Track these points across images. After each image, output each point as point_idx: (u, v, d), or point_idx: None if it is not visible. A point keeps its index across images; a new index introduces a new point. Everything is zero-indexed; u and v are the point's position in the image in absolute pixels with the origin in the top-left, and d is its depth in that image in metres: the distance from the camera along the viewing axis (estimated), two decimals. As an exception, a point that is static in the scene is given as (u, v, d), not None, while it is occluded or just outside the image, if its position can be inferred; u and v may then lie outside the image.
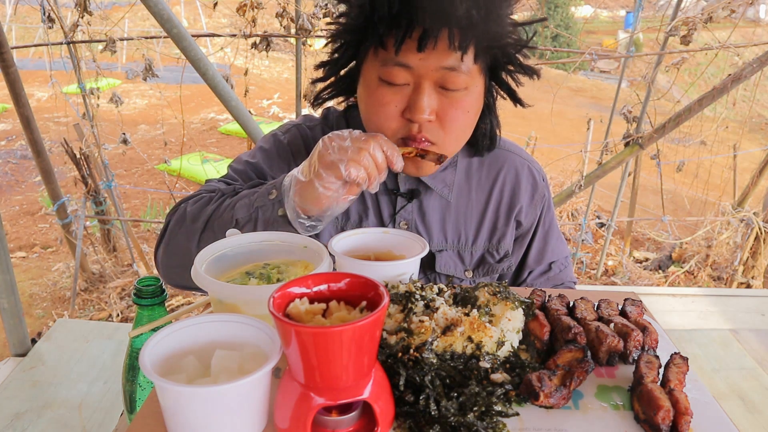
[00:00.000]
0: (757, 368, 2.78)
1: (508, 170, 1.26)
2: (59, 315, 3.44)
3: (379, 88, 1.04)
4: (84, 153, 3.20)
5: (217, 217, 1.05)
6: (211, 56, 3.17)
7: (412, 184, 1.21)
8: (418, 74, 1.02)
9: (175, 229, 1.10)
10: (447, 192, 1.21)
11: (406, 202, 1.20)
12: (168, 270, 1.13)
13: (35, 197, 5.43)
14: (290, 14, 2.73)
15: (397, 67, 1.01)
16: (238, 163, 1.23)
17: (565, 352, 0.72)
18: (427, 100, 1.02)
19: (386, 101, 1.04)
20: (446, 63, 1.00)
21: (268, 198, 1.01)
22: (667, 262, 4.42)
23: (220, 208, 1.06)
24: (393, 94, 1.03)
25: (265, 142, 1.25)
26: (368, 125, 1.11)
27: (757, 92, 4.36)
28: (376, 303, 0.61)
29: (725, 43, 2.99)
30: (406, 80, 1.02)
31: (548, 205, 1.31)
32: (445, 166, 1.21)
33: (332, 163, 0.93)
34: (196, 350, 0.66)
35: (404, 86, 1.03)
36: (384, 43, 1.02)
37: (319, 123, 1.27)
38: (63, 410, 2.29)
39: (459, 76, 1.02)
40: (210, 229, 1.05)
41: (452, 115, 1.05)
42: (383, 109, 1.04)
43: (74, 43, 2.93)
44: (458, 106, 1.04)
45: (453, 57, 1.00)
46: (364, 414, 0.64)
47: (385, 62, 1.03)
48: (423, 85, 1.02)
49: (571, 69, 3.91)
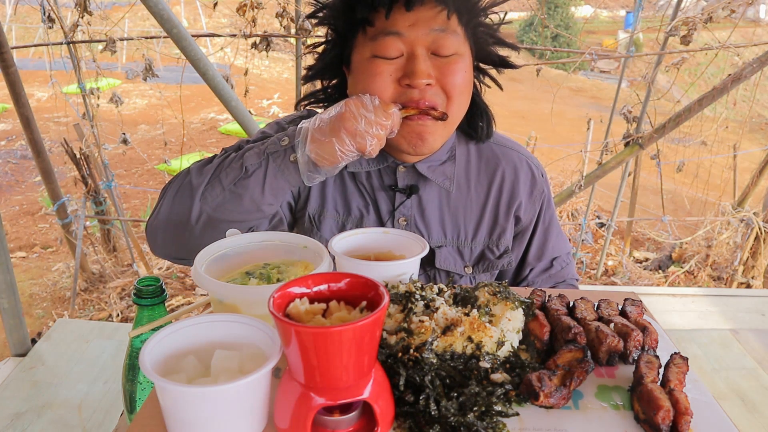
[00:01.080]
0: (757, 368, 2.78)
1: (506, 166, 1.26)
2: (59, 315, 3.44)
3: (372, 61, 1.05)
4: (84, 153, 3.20)
5: (224, 167, 1.04)
6: (211, 56, 3.17)
7: (411, 180, 1.21)
8: (409, 42, 1.04)
9: (174, 188, 1.08)
10: (448, 184, 1.21)
11: (405, 198, 1.20)
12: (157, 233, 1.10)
13: (35, 197, 5.43)
14: (290, 14, 2.74)
15: (389, 37, 1.04)
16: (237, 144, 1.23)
17: (565, 352, 0.72)
18: (424, 64, 1.04)
19: (380, 71, 1.05)
20: (435, 26, 1.04)
21: (280, 144, 1.02)
22: (667, 262, 4.42)
23: (225, 160, 1.06)
24: (386, 64, 1.05)
25: (268, 128, 1.24)
26: None
27: (757, 92, 4.36)
28: (376, 303, 0.61)
29: (725, 43, 2.99)
30: (399, 51, 1.04)
31: (548, 201, 1.31)
32: (444, 159, 1.21)
33: (358, 133, 0.97)
34: (196, 350, 0.66)
35: (398, 58, 1.05)
36: (371, 21, 1.05)
37: None
38: (63, 410, 2.29)
39: (448, 39, 1.05)
40: (216, 179, 1.04)
41: (451, 78, 1.06)
42: (378, 77, 1.05)
43: (74, 43, 2.93)
44: (454, 69, 1.06)
45: (440, 18, 1.04)
46: (364, 414, 0.64)
47: (376, 36, 1.05)
48: (417, 52, 1.04)
49: (571, 69, 3.92)
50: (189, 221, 1.04)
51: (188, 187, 1.06)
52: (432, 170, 1.20)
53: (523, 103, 8.62)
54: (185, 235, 1.06)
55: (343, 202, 1.22)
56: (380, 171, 1.20)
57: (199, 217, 1.04)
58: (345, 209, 1.21)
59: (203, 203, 1.03)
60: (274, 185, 1.02)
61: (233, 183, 1.02)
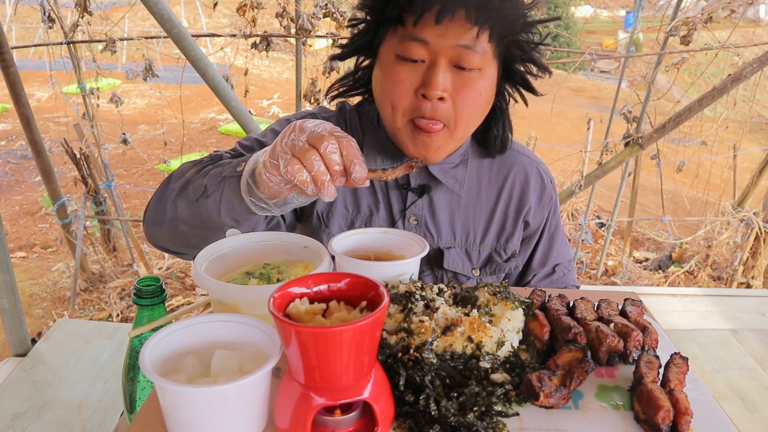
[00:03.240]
0: (757, 368, 2.78)
1: (517, 171, 1.27)
2: (59, 315, 3.44)
3: (396, 65, 1.06)
4: (84, 153, 3.20)
5: (193, 181, 1.03)
6: (211, 56, 3.17)
7: (422, 179, 1.21)
8: (434, 51, 1.04)
9: (161, 188, 1.09)
10: (458, 187, 1.22)
11: (417, 198, 1.20)
12: (149, 227, 1.11)
13: (35, 197, 5.43)
14: (290, 14, 2.74)
15: (414, 43, 1.04)
16: (246, 140, 1.22)
17: (565, 352, 0.72)
18: (442, 76, 1.04)
19: (401, 78, 1.06)
20: (462, 41, 1.03)
21: (236, 170, 0.95)
22: (667, 262, 4.42)
23: (198, 173, 1.04)
24: (409, 71, 1.05)
25: (277, 125, 1.24)
26: (382, 104, 1.12)
27: (757, 92, 4.36)
28: (376, 303, 0.61)
29: (725, 43, 2.99)
30: (422, 57, 1.04)
31: (555, 207, 1.32)
32: (456, 162, 1.22)
33: (277, 156, 0.81)
34: (196, 350, 0.66)
35: (420, 64, 1.05)
36: (402, 20, 1.05)
37: (334, 115, 1.27)
38: (63, 410, 2.29)
39: (474, 55, 1.04)
40: (184, 191, 1.03)
41: (465, 96, 1.06)
42: (398, 86, 1.06)
43: (74, 43, 2.93)
44: (471, 87, 1.06)
45: (469, 35, 1.03)
46: (364, 414, 0.64)
47: (403, 38, 1.05)
48: (438, 62, 1.04)
49: (571, 69, 3.91)
50: (171, 222, 1.05)
51: (166, 191, 1.07)
52: (444, 173, 1.20)
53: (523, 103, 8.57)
54: (172, 232, 1.07)
55: (353, 199, 1.22)
56: None
57: (176, 221, 1.04)
58: (354, 207, 1.21)
59: (175, 210, 1.03)
60: (230, 209, 0.95)
61: (196, 199, 1.00)
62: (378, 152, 1.20)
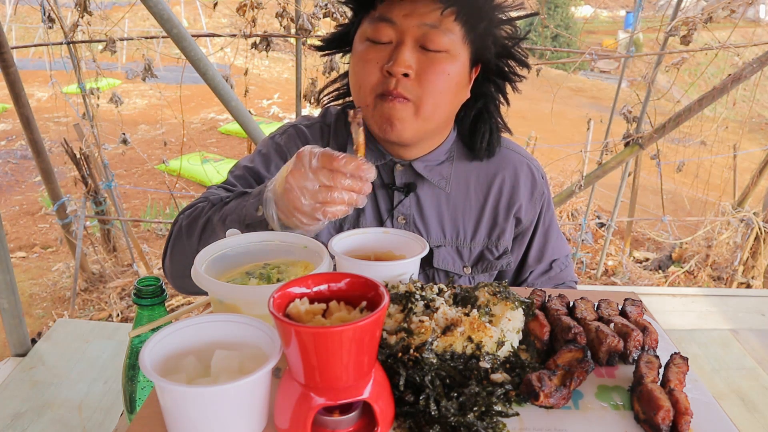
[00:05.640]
0: (757, 368, 2.78)
1: (507, 168, 1.26)
2: (59, 315, 3.44)
3: (366, 48, 1.10)
4: (84, 153, 3.20)
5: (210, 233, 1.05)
6: (211, 56, 3.17)
7: (408, 178, 1.21)
8: (400, 30, 1.07)
9: (176, 244, 1.12)
10: (444, 184, 1.21)
11: (403, 197, 1.20)
12: (175, 279, 1.15)
13: (35, 197, 5.43)
14: (290, 14, 2.74)
15: (381, 23, 1.08)
16: (237, 169, 1.24)
17: (565, 352, 0.72)
18: (408, 54, 1.06)
19: (369, 58, 1.09)
20: (427, 20, 1.06)
21: (256, 215, 0.99)
22: (667, 262, 4.42)
23: (211, 222, 1.06)
24: (376, 51, 1.09)
25: (262, 146, 1.26)
26: (353, 86, 1.15)
27: (757, 92, 4.36)
28: (376, 303, 0.61)
29: (725, 43, 3.00)
30: (389, 38, 1.08)
31: (548, 202, 1.31)
32: (441, 160, 1.22)
33: (306, 213, 0.90)
34: (196, 350, 0.66)
35: (388, 45, 1.08)
36: (374, 4, 1.09)
37: (317, 122, 1.28)
38: (63, 410, 2.29)
39: (440, 35, 1.06)
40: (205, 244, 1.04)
41: (431, 75, 1.07)
42: (366, 65, 1.09)
43: (74, 43, 2.93)
44: (437, 67, 1.07)
45: (434, 15, 1.06)
46: (364, 414, 0.64)
47: (372, 20, 1.09)
48: (404, 41, 1.07)
49: (571, 69, 3.92)
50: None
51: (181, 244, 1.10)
52: (429, 170, 1.20)
53: (523, 103, 8.62)
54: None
55: None
56: (379, 169, 1.20)
57: None
58: None
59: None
60: None
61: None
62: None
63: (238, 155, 6.76)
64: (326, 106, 1.30)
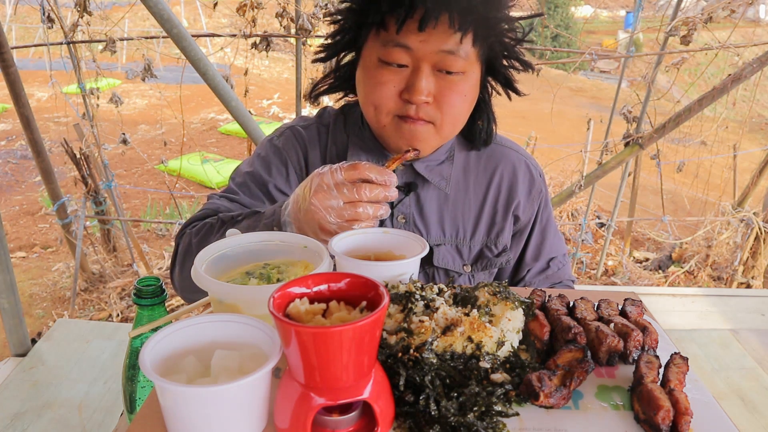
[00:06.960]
0: (757, 368, 2.78)
1: (505, 166, 1.27)
2: (59, 315, 3.44)
3: (379, 68, 1.07)
4: (84, 153, 3.20)
5: None
6: (211, 56, 3.17)
7: (409, 177, 1.21)
8: (417, 56, 1.04)
9: (186, 259, 1.11)
10: (444, 185, 1.22)
11: (404, 196, 1.20)
12: (185, 293, 1.15)
13: (35, 197, 5.43)
14: (290, 14, 2.74)
15: (397, 48, 1.04)
16: (238, 176, 1.24)
17: (565, 352, 0.72)
18: (425, 81, 1.04)
19: (385, 80, 1.06)
20: (445, 46, 1.03)
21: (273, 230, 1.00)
22: (667, 262, 4.42)
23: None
24: (392, 74, 1.06)
25: (261, 149, 1.27)
26: (365, 106, 1.13)
27: (757, 92, 4.36)
28: (376, 303, 0.61)
29: (725, 43, 2.99)
30: (405, 62, 1.05)
31: (545, 201, 1.32)
32: (442, 160, 1.22)
33: (333, 232, 0.93)
34: (196, 350, 0.66)
35: (403, 68, 1.06)
36: (385, 24, 1.05)
37: (314, 122, 1.28)
38: (63, 410, 2.29)
39: (457, 60, 1.04)
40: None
41: (449, 98, 1.07)
42: (382, 87, 1.07)
43: (74, 43, 2.93)
44: (455, 90, 1.07)
45: (452, 40, 1.03)
46: (364, 414, 0.64)
47: (386, 43, 1.05)
48: (422, 67, 1.04)
49: (571, 69, 3.92)
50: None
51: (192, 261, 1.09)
52: (429, 170, 1.20)
53: (523, 103, 8.59)
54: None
55: None
56: None
57: None
58: None
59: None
60: None
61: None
62: (363, 152, 1.20)
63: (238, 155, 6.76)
64: (323, 107, 1.30)
